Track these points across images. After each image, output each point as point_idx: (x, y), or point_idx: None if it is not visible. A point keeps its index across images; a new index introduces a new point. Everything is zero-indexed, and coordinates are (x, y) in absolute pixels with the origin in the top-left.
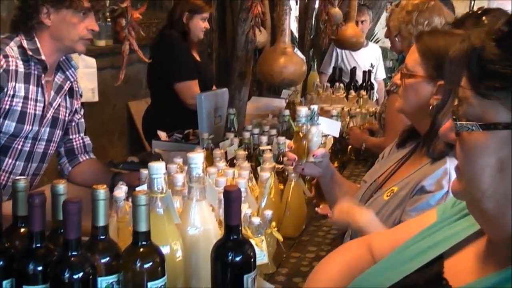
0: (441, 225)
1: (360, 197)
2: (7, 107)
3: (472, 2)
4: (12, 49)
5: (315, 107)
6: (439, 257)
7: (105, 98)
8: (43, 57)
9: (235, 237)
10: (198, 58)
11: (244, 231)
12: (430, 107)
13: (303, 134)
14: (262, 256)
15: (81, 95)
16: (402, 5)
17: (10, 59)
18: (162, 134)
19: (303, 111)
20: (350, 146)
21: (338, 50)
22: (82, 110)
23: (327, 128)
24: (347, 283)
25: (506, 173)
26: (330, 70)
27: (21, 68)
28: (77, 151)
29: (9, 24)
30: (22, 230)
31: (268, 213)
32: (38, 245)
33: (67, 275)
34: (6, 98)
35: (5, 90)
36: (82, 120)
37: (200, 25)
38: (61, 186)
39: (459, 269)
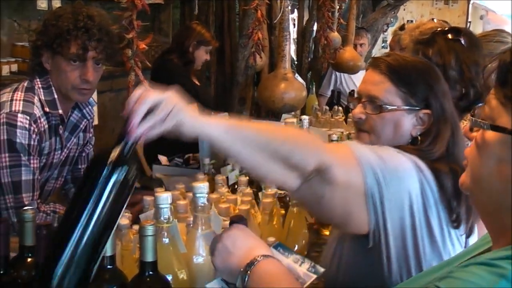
0: None
1: None
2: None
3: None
4: (37, 107)
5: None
6: None
7: (104, 122)
8: (60, 111)
9: None
10: (197, 82)
11: None
12: (412, 138)
13: None
14: None
15: (92, 126)
16: (417, 23)
17: (38, 121)
18: (163, 159)
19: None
20: None
21: (337, 72)
22: (93, 140)
23: None
24: None
25: (504, 172)
26: (329, 93)
27: (45, 126)
28: None
29: (10, 49)
30: (29, 260)
31: (271, 240)
32: None
33: None
34: (36, 158)
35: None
36: (92, 150)
37: (203, 56)
38: None
39: None
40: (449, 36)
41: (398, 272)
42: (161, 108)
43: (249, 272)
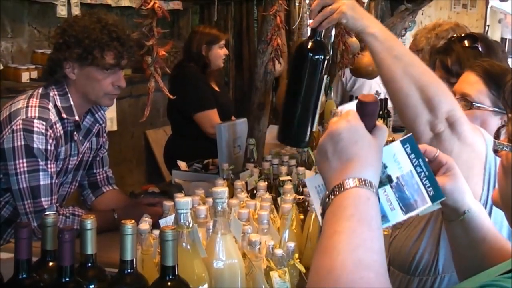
0: None
1: None
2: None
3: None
4: (52, 113)
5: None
6: None
7: (123, 127)
8: (76, 118)
9: None
10: (216, 88)
11: (267, 262)
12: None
13: None
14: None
15: (105, 130)
16: (433, 24)
17: (54, 126)
18: (182, 164)
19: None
20: None
21: (346, 78)
22: (107, 144)
23: None
24: None
25: None
26: (337, 99)
27: (61, 131)
28: (100, 183)
29: (30, 56)
30: (51, 264)
31: (291, 245)
32: (68, 279)
33: None
34: (54, 162)
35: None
36: (106, 154)
37: (219, 53)
38: (89, 221)
39: None
40: (466, 43)
41: None
42: (329, 7)
43: (332, 198)
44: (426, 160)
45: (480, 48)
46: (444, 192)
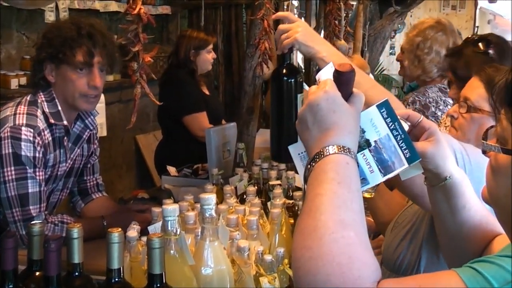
0: None
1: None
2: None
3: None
4: (40, 120)
5: None
6: None
7: (113, 132)
8: (65, 122)
9: None
10: (207, 92)
11: (257, 268)
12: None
13: None
14: None
15: (97, 137)
16: (416, 23)
17: (42, 134)
18: (172, 169)
19: None
20: None
21: None
22: (98, 150)
23: None
24: None
25: None
26: None
27: (49, 138)
28: (90, 190)
29: (19, 62)
30: (37, 273)
31: (280, 250)
32: None
33: None
34: (42, 170)
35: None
36: (97, 161)
37: (207, 58)
38: (76, 230)
39: None
40: (478, 48)
41: None
42: (285, 34)
43: (314, 164)
44: (409, 124)
45: (491, 53)
46: (426, 157)
